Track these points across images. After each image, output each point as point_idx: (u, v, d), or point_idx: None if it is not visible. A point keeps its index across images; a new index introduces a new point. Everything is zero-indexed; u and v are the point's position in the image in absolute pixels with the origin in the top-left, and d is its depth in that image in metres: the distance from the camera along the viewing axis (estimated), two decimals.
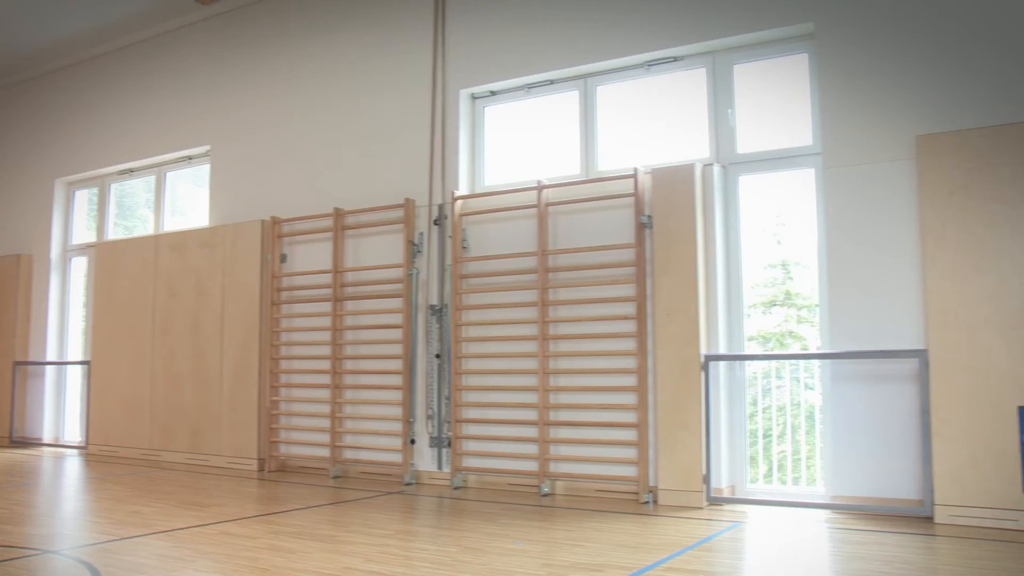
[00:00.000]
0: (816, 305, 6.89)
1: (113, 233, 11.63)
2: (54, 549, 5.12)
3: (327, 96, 9.22)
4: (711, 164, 7.06)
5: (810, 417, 7.03)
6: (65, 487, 8.14)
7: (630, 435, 6.98)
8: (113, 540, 5.32)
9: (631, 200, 7.16)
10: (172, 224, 10.93)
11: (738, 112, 7.19)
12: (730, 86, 7.23)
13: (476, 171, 8.38)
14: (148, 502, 6.81)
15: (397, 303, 8.30)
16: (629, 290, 7.10)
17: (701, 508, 6.46)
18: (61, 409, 11.81)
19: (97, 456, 10.27)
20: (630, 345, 7.05)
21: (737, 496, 6.80)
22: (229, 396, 9.23)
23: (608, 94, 7.84)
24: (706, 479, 6.61)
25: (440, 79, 8.45)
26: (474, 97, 8.44)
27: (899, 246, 6.22)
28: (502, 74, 8.14)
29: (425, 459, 8.07)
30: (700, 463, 6.59)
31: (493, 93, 8.35)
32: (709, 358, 6.75)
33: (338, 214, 8.74)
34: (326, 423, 8.64)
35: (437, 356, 8.05)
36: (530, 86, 8.14)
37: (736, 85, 7.22)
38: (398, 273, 8.33)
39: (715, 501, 6.62)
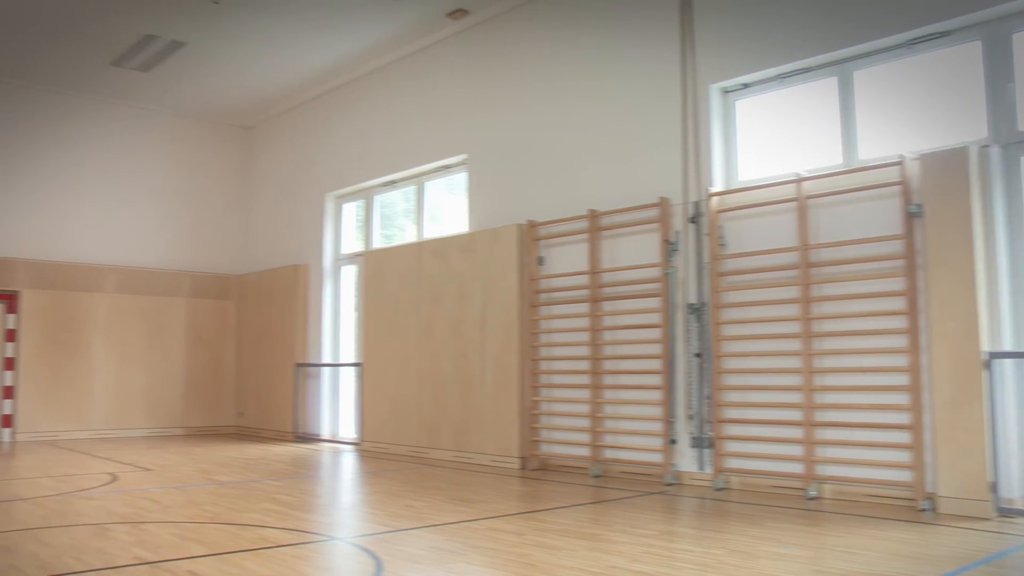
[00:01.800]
0: None
1: (377, 242, 12.31)
2: (338, 536, 5.48)
3: (577, 99, 9.32)
4: (988, 145, 6.52)
5: None
6: (343, 480, 8.68)
7: (903, 437, 6.55)
8: (390, 531, 5.60)
9: (898, 189, 6.73)
10: (428, 231, 11.42)
11: (1018, 86, 6.59)
12: (1008, 58, 6.63)
13: (730, 166, 8.18)
14: (419, 497, 7.12)
15: (654, 302, 8.25)
16: (898, 284, 6.67)
17: (989, 519, 5.95)
18: (336, 408, 12.66)
19: (369, 452, 10.90)
20: (901, 342, 6.62)
21: None
22: (491, 396, 9.52)
23: (866, 78, 7.42)
24: (994, 487, 6.08)
25: (690, 75, 8.32)
26: (725, 91, 8.25)
27: None
28: (754, 66, 7.89)
29: (686, 459, 7.96)
30: (985, 469, 6.08)
31: (745, 86, 8.12)
32: (993, 355, 6.23)
33: (593, 215, 8.80)
34: (586, 423, 8.73)
35: (697, 355, 7.93)
36: (784, 76, 7.83)
37: (1015, 56, 6.62)
38: (655, 272, 8.27)
39: (1006, 512, 6.07)
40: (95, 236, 13.46)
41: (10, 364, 12.46)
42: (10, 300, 12.58)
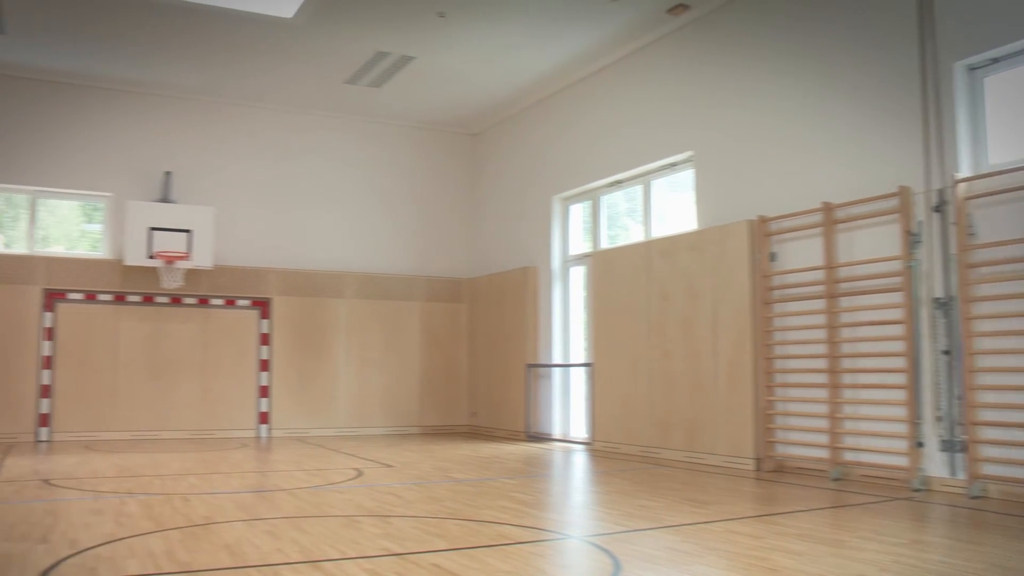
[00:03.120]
0: None
1: (604, 243, 12.34)
2: (574, 535, 5.53)
3: (805, 88, 8.96)
4: None
5: None
6: (575, 479, 8.76)
7: None
8: (625, 531, 5.59)
9: None
10: (654, 230, 11.32)
11: None
12: None
13: (979, 150, 7.60)
14: (652, 497, 7.08)
15: (896, 297, 7.80)
16: None
17: None
18: (567, 407, 12.81)
19: (600, 451, 10.95)
20: None
21: None
22: (724, 395, 9.34)
23: None
24: None
25: (930, 53, 7.80)
26: (971, 68, 7.67)
27: None
28: (1006, 37, 7.27)
29: (935, 464, 7.48)
30: None
31: (995, 60, 7.52)
32: None
33: (827, 208, 8.44)
34: (824, 423, 8.38)
35: (945, 352, 7.43)
36: None
37: None
38: (895, 266, 7.82)
39: None
40: (336, 245, 14.30)
41: (265, 366, 13.45)
42: (263, 307, 13.57)
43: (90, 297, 12.67)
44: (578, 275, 12.91)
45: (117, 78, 12.82)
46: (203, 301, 13.27)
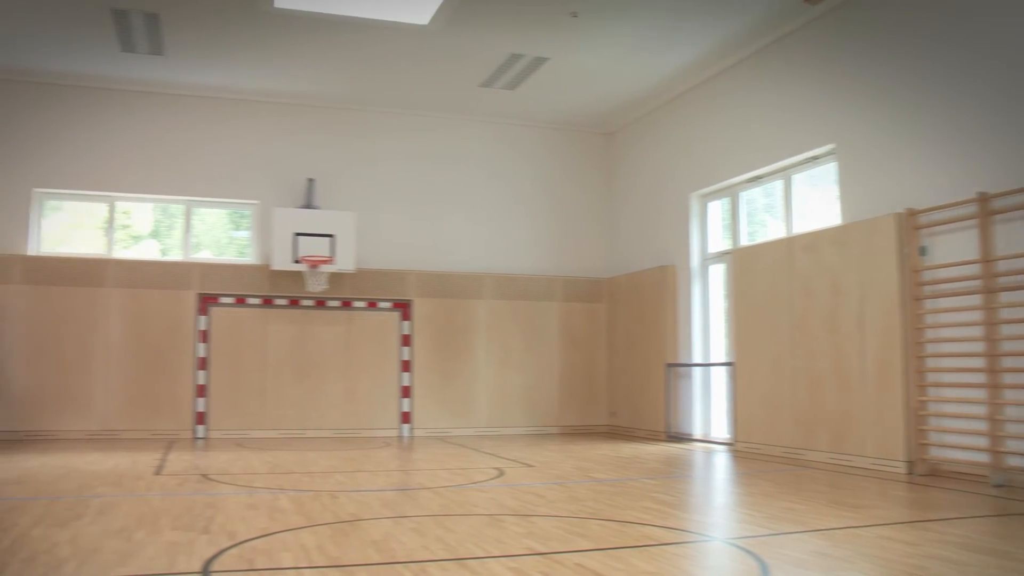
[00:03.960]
0: None
1: (743, 240, 12.08)
2: (718, 536, 5.43)
3: (954, 72, 8.52)
4: None
5: None
6: (717, 480, 8.61)
7: None
8: (770, 534, 5.45)
9: None
10: (792, 225, 11.01)
11: None
12: None
13: None
14: (798, 499, 6.88)
15: None
16: None
17: None
18: (708, 407, 12.60)
19: (742, 452, 10.73)
20: None
21: None
22: (872, 395, 9.00)
23: None
24: None
25: None
26: None
27: None
28: None
29: None
30: None
31: None
32: None
33: (983, 199, 8.01)
34: (983, 426, 7.98)
35: None
36: None
37: None
38: None
39: None
40: (474, 246, 14.50)
41: (406, 366, 13.73)
42: (404, 308, 13.85)
43: (240, 301, 13.22)
44: (717, 273, 12.69)
45: (263, 90, 13.35)
46: (346, 304, 13.66)
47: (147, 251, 13.57)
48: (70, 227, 13.41)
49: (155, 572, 4.33)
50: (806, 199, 11.13)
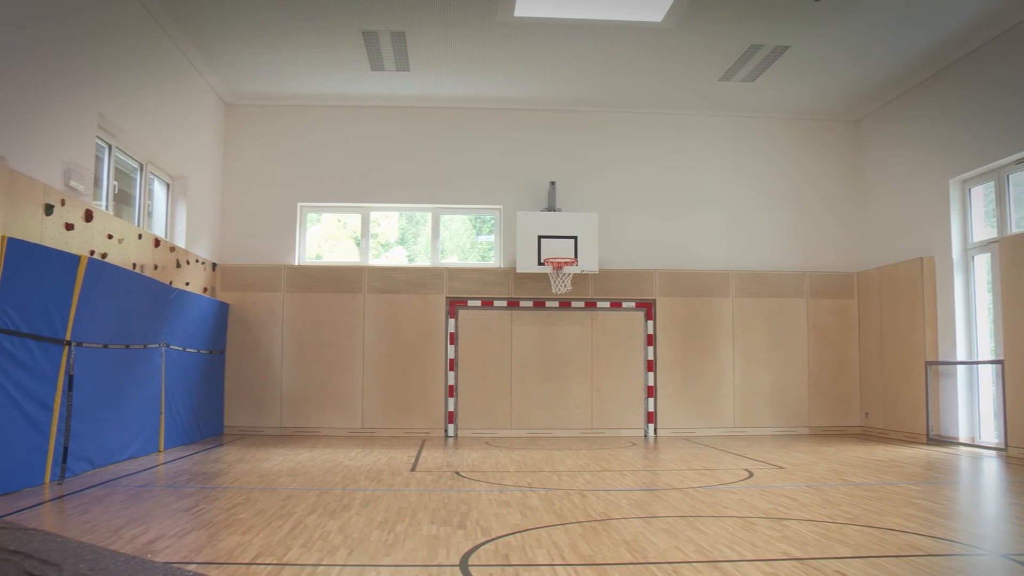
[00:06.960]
0: None
1: (1016, 226, 11.16)
2: (990, 550, 5.05)
3: None
4: None
5: None
6: (987, 487, 8.01)
7: None
8: None
9: None
10: None
11: None
12: None
13: None
14: None
15: None
16: None
17: None
18: (975, 409, 11.74)
19: (1016, 458, 9.93)
20: None
21: None
22: None
23: None
24: None
25: None
26: None
27: None
28: None
29: None
30: None
31: None
32: None
33: None
34: None
35: None
36: None
37: None
38: None
39: None
40: (716, 243, 14.26)
41: (651, 366, 13.69)
42: (648, 308, 13.83)
43: (487, 303, 13.66)
44: (982, 263, 11.80)
45: (502, 98, 13.73)
46: (590, 304, 13.80)
47: (396, 258, 14.30)
48: (325, 238, 14.38)
49: (417, 563, 4.57)
50: None
